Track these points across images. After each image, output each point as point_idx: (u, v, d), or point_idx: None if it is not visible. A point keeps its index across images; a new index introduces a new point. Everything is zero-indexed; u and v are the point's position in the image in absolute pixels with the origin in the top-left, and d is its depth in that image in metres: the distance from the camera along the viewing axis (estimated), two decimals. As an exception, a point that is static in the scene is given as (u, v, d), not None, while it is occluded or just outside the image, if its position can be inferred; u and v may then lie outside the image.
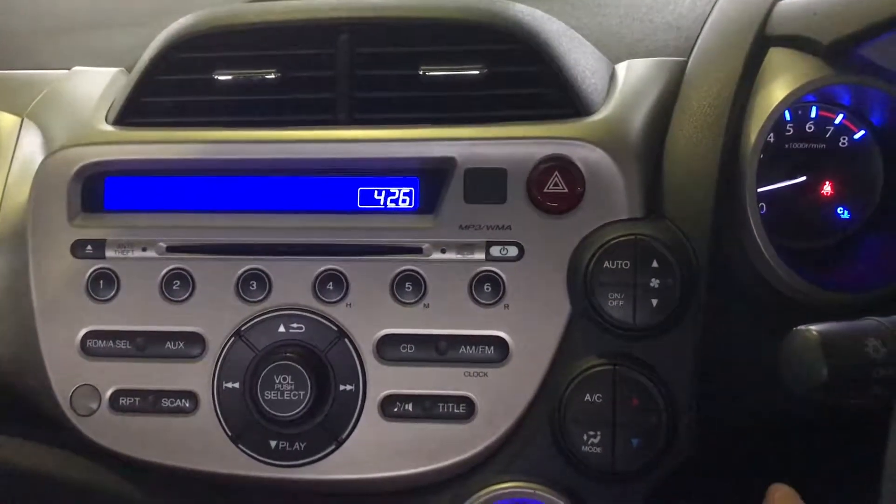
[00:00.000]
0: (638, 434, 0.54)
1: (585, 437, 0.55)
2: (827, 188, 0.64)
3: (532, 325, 0.57)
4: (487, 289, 0.58)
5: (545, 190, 0.58)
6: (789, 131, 0.64)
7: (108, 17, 0.85)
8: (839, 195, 0.64)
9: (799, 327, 0.43)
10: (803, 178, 0.64)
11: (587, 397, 0.55)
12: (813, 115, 0.64)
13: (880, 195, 0.63)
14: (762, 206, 0.63)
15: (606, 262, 0.55)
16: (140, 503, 0.61)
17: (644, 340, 0.56)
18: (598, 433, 0.55)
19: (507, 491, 0.56)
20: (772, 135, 0.63)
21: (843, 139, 0.64)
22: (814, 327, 0.42)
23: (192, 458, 0.59)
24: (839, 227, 0.64)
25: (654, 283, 0.55)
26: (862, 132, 0.63)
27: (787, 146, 0.64)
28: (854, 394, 0.41)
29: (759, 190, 0.59)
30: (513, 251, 0.58)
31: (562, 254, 0.57)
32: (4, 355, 0.62)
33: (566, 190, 0.58)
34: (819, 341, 0.41)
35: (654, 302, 0.55)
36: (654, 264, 0.55)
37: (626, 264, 0.55)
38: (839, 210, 0.64)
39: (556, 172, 0.58)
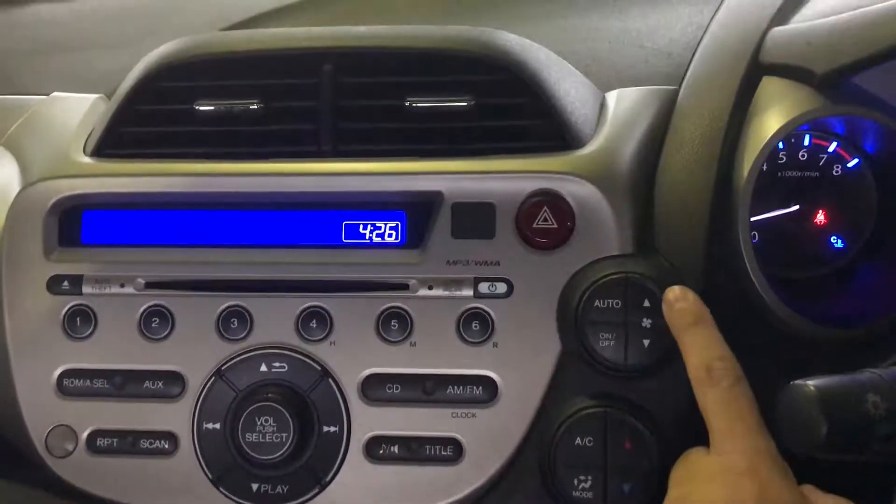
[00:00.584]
0: (630, 479, 0.53)
1: (576, 482, 0.53)
2: (820, 217, 0.63)
3: (521, 365, 0.56)
4: (475, 326, 0.56)
5: (534, 225, 0.56)
6: (782, 159, 0.63)
7: (89, 40, 0.84)
8: (832, 224, 0.63)
9: (796, 382, 0.42)
10: (796, 206, 0.63)
11: (578, 441, 0.54)
12: (806, 143, 0.63)
13: (874, 224, 0.62)
14: (754, 234, 0.62)
15: (597, 301, 0.54)
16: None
17: (636, 381, 0.54)
18: (589, 478, 0.53)
19: (495, 536, 0.54)
20: (764, 163, 0.62)
21: (837, 167, 0.63)
22: (811, 382, 0.41)
23: (171, 502, 0.57)
24: (833, 256, 0.63)
25: (646, 322, 0.53)
26: (855, 160, 0.62)
27: (780, 174, 0.63)
28: (854, 451, 0.40)
29: (752, 219, 0.58)
30: (502, 288, 0.57)
31: (551, 291, 0.56)
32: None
33: (556, 225, 0.56)
34: (817, 398, 0.40)
35: (646, 342, 0.53)
36: (646, 303, 0.54)
37: (616, 303, 0.54)
38: (832, 239, 0.63)
39: (546, 207, 0.56)
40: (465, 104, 0.60)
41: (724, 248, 0.57)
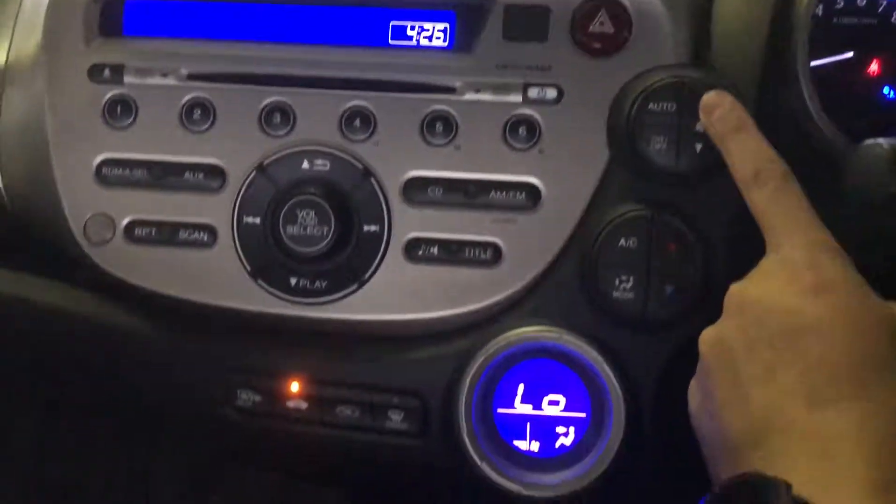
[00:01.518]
0: (672, 282, 0.53)
1: (617, 282, 0.53)
2: (874, 66, 0.61)
3: (567, 172, 0.55)
4: (522, 132, 0.56)
5: (590, 30, 0.55)
6: (839, 4, 0.61)
7: None
8: (887, 74, 0.61)
9: (867, 141, 0.41)
10: (850, 54, 0.61)
11: (622, 242, 0.53)
12: (867, -14, 0.61)
13: (930, 74, 0.61)
14: (809, 78, 0.60)
15: (651, 104, 0.53)
16: (152, 339, 0.60)
17: (684, 188, 0.54)
18: (631, 279, 0.53)
19: (530, 335, 0.54)
20: (820, 6, 0.60)
21: (896, 15, 0.61)
22: (883, 141, 0.40)
23: (208, 293, 0.57)
24: (885, 107, 0.61)
25: (700, 127, 0.52)
26: (917, 6, 0.60)
27: (835, 20, 0.61)
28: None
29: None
30: (551, 94, 0.55)
31: (603, 97, 0.55)
32: (18, 183, 0.60)
33: (612, 30, 0.55)
34: (890, 155, 0.39)
35: (699, 147, 0.53)
36: (701, 108, 0.53)
37: (671, 107, 0.53)
38: (885, 90, 0.61)
39: (603, 10, 0.55)
40: None
41: (780, 77, 0.55)
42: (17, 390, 0.95)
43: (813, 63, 0.60)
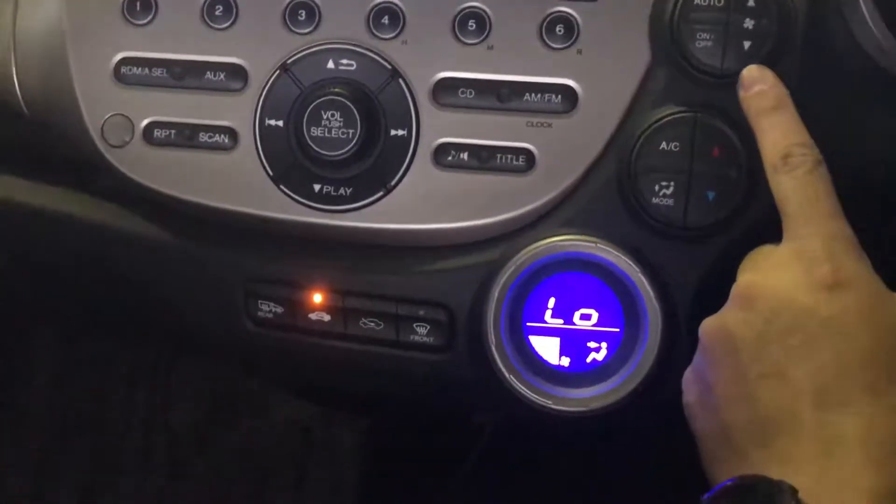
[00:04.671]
0: (714, 187, 0.50)
1: (657, 188, 0.51)
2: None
3: (606, 73, 0.52)
4: (559, 31, 0.53)
5: (631, -79, 0.52)
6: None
7: None
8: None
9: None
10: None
11: (663, 145, 0.50)
12: None
13: None
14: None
15: (697, -1, 0.50)
16: (170, 247, 0.58)
17: (729, 90, 0.51)
18: (672, 183, 0.50)
19: (563, 244, 0.52)
20: None
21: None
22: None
23: (229, 198, 0.55)
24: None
25: (749, 23, 0.49)
26: None
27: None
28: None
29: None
30: (591, -11, 0.53)
31: (646, -5, 0.52)
32: (35, 87, 0.58)
33: (656, -78, 0.52)
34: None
35: (746, 44, 0.50)
36: (751, 2, 0.49)
37: (719, 2, 0.50)
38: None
39: None
40: None
41: (835, 7, 0.52)
42: (37, 315, 0.95)
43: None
